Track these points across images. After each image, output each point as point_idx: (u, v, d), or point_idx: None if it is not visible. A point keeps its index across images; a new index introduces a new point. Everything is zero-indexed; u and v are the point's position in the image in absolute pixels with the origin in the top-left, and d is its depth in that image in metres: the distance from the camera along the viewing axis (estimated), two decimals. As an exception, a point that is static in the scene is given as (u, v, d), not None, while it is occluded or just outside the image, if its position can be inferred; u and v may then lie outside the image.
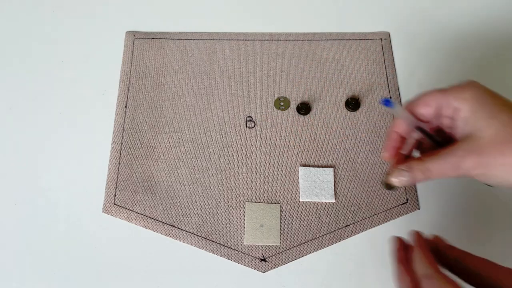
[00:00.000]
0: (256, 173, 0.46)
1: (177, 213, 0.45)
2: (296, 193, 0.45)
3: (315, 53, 0.53)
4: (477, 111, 0.32)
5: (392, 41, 0.54)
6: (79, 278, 0.42)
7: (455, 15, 0.56)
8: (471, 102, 0.32)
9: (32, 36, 0.55)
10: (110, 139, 0.48)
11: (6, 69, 0.53)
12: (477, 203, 0.45)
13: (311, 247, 0.43)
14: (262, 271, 0.42)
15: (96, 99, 0.51)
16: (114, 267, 0.43)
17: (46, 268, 0.42)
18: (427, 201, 0.45)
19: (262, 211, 0.45)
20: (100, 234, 0.44)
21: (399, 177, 0.35)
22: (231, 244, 0.43)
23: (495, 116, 0.31)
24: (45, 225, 0.44)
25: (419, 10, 0.57)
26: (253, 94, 0.51)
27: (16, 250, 0.43)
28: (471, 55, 0.53)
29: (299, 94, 0.51)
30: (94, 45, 0.54)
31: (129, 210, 0.45)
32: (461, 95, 0.33)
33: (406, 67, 0.52)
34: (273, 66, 0.52)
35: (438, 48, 0.54)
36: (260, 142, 0.48)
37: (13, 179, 0.47)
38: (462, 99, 0.33)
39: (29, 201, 0.45)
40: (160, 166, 0.47)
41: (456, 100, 0.33)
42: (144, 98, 0.50)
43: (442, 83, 0.51)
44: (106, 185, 0.46)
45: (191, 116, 0.49)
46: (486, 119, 0.31)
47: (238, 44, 0.54)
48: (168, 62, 0.52)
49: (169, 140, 0.48)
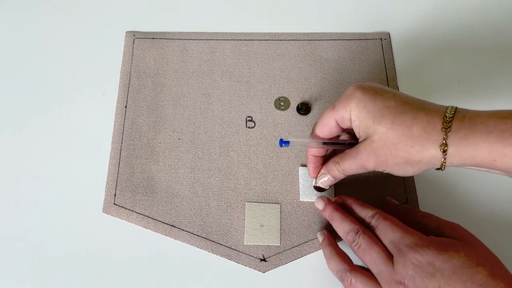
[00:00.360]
0: (256, 173, 0.47)
1: (177, 213, 0.45)
2: (296, 193, 0.45)
3: (315, 53, 0.53)
4: (363, 119, 0.35)
5: (392, 41, 0.54)
6: (79, 278, 0.42)
7: (455, 15, 0.56)
8: (356, 112, 0.35)
9: (32, 36, 0.55)
10: (110, 139, 0.48)
11: (6, 69, 0.53)
12: (477, 203, 0.45)
13: (311, 247, 0.43)
14: (262, 271, 0.42)
15: (96, 99, 0.51)
16: (114, 267, 0.43)
17: (46, 268, 0.42)
18: (427, 201, 0.45)
19: (262, 211, 0.45)
20: (100, 234, 0.44)
21: (322, 179, 0.41)
22: (231, 244, 0.43)
23: (379, 122, 0.34)
24: (45, 225, 0.44)
25: (419, 10, 0.57)
26: (253, 94, 0.51)
27: (16, 250, 0.43)
28: (471, 55, 0.53)
29: (299, 94, 0.51)
30: (94, 45, 0.54)
31: (129, 210, 0.45)
32: (347, 107, 0.36)
33: (406, 67, 0.52)
34: (273, 66, 0.52)
35: (438, 48, 0.54)
36: (260, 142, 0.48)
37: (13, 179, 0.47)
38: (349, 111, 0.36)
39: (29, 201, 0.45)
40: (160, 166, 0.47)
41: (344, 113, 0.36)
42: (144, 98, 0.50)
43: (442, 83, 0.52)
44: (106, 185, 0.46)
45: (191, 116, 0.49)
46: (372, 125, 0.34)
47: (238, 44, 0.54)
48: (168, 62, 0.52)
49: (169, 140, 0.48)
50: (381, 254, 0.35)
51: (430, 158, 0.33)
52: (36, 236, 0.44)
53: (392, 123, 0.33)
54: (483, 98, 0.51)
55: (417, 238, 0.34)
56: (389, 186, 0.45)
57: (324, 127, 0.38)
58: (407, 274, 0.33)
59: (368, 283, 0.35)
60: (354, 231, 0.37)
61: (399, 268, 0.33)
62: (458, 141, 0.32)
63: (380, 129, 0.34)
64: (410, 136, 0.33)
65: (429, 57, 0.53)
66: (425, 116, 0.33)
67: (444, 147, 0.32)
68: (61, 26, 0.56)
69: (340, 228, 0.39)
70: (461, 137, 0.32)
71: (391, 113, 0.34)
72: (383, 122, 0.34)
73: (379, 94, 0.35)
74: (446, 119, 0.32)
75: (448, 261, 0.32)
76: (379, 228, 0.37)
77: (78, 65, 0.53)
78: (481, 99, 0.51)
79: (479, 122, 0.32)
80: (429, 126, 0.32)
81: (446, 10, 0.57)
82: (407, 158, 0.33)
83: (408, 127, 0.33)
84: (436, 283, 0.32)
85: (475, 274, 0.31)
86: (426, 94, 0.50)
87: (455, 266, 0.32)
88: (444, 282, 0.31)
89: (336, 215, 0.40)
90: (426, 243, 0.33)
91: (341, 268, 0.37)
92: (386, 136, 0.34)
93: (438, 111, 0.33)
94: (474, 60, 0.53)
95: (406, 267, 0.33)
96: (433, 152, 0.33)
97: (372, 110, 0.34)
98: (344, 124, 0.37)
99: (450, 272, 0.32)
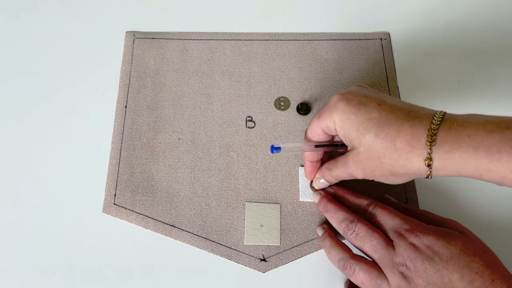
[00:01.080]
0: (256, 173, 0.47)
1: (177, 213, 0.45)
2: (296, 193, 0.45)
3: (315, 53, 0.53)
4: (347, 131, 0.35)
5: (392, 41, 0.54)
6: (79, 278, 0.42)
7: (455, 15, 0.56)
8: (340, 124, 0.35)
9: (32, 36, 0.55)
10: (110, 139, 0.48)
11: (6, 69, 0.53)
12: (477, 203, 0.45)
13: (311, 247, 0.43)
14: (262, 271, 0.42)
15: (96, 99, 0.51)
16: (114, 267, 0.43)
17: (46, 268, 0.42)
18: (427, 201, 0.45)
19: (262, 211, 0.45)
20: (100, 234, 0.44)
21: (317, 183, 0.41)
22: (231, 244, 0.43)
23: (363, 135, 0.34)
24: (45, 225, 0.44)
25: (419, 10, 0.57)
26: (253, 94, 0.51)
27: (16, 250, 0.43)
28: (471, 55, 0.53)
29: (299, 94, 0.51)
30: (94, 45, 0.54)
31: (129, 210, 0.45)
32: (331, 119, 0.36)
33: (406, 67, 0.52)
34: (273, 66, 0.52)
35: (438, 48, 0.54)
36: (260, 142, 0.48)
37: (13, 179, 0.47)
38: (333, 122, 0.36)
39: (29, 201, 0.45)
40: (160, 166, 0.47)
41: (329, 123, 0.36)
42: (144, 98, 0.50)
43: (442, 83, 0.52)
44: (106, 185, 0.46)
45: (191, 116, 0.49)
46: (356, 138, 0.34)
47: (238, 44, 0.54)
48: (168, 62, 0.52)
49: (169, 140, 0.48)
50: (381, 241, 0.36)
51: (415, 171, 0.33)
52: (36, 236, 0.44)
53: (376, 136, 0.33)
54: (483, 98, 0.51)
55: (417, 225, 0.35)
56: (389, 186, 0.45)
57: (313, 133, 0.39)
58: (408, 256, 0.34)
59: (371, 270, 0.36)
60: (349, 220, 0.38)
61: (400, 250, 0.34)
62: (443, 155, 0.31)
63: (365, 142, 0.34)
64: (394, 149, 0.32)
65: (429, 57, 0.53)
66: (410, 128, 0.32)
67: (429, 161, 0.32)
68: (61, 26, 0.56)
69: (334, 218, 0.39)
70: (446, 151, 0.31)
71: (374, 126, 0.33)
72: (367, 136, 0.33)
73: (362, 104, 0.34)
74: (431, 131, 0.31)
75: (446, 247, 0.33)
76: (377, 215, 0.38)
77: (78, 65, 0.53)
78: (481, 99, 0.51)
79: (465, 136, 0.30)
80: (413, 140, 0.32)
81: (446, 10, 0.57)
82: (392, 171, 0.33)
83: (391, 140, 0.32)
84: (435, 266, 0.33)
85: (471, 263, 0.32)
86: (426, 94, 0.50)
87: (452, 252, 0.33)
88: (443, 266, 0.33)
89: (331, 206, 0.40)
90: (425, 230, 0.35)
91: (342, 256, 0.38)
92: (371, 149, 0.33)
93: (424, 121, 0.32)
94: (474, 60, 0.53)
95: (407, 249, 0.34)
96: (418, 165, 0.32)
97: (356, 123, 0.34)
98: (330, 132, 0.37)
99: (448, 257, 0.33)
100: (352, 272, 0.36)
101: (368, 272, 0.36)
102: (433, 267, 0.33)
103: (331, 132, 0.37)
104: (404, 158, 0.32)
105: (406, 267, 0.34)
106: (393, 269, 0.34)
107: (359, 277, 0.36)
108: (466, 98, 0.51)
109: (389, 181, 0.35)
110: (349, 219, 0.38)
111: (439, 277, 0.33)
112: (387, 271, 0.35)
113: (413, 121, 0.32)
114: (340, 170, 0.37)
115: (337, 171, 0.38)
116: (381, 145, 0.33)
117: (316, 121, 0.38)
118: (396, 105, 0.34)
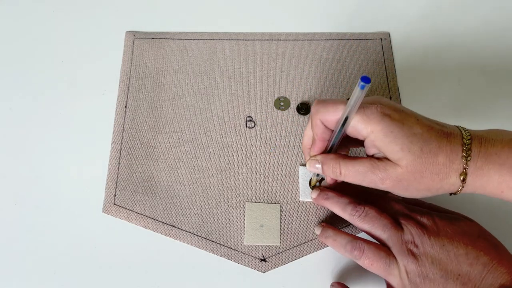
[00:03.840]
0: (256, 173, 0.46)
1: (177, 213, 0.45)
2: (296, 193, 0.45)
3: (315, 53, 0.53)
4: (389, 144, 0.33)
5: (392, 41, 0.54)
6: (79, 278, 0.42)
7: (455, 15, 0.56)
8: (380, 136, 0.34)
9: (32, 36, 0.55)
10: (110, 139, 0.48)
11: (6, 69, 0.53)
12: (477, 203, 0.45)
13: (311, 247, 0.43)
14: (262, 271, 0.42)
15: (96, 99, 0.51)
16: (114, 267, 0.43)
17: (46, 268, 0.42)
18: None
19: (262, 211, 0.45)
20: (100, 234, 0.44)
21: (311, 166, 0.39)
22: (231, 244, 0.43)
23: (408, 149, 0.33)
24: (45, 225, 0.44)
25: (419, 10, 0.57)
26: (253, 94, 0.51)
27: (16, 250, 0.43)
28: (471, 55, 0.53)
29: (299, 94, 0.51)
30: (94, 45, 0.54)
31: (129, 210, 0.45)
32: (370, 127, 0.34)
33: (406, 67, 0.52)
34: (273, 66, 0.52)
35: (438, 48, 0.54)
36: (260, 142, 0.48)
37: (13, 179, 0.47)
38: (371, 132, 0.34)
39: (29, 201, 0.45)
40: (160, 166, 0.47)
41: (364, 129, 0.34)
42: (144, 98, 0.50)
43: (442, 83, 0.52)
44: (106, 185, 0.46)
45: (191, 116, 0.49)
46: (400, 151, 0.33)
47: (238, 44, 0.54)
48: (168, 62, 0.52)
49: (169, 140, 0.48)
50: (389, 221, 0.37)
51: (450, 185, 0.34)
52: (36, 236, 0.44)
53: (421, 151, 0.33)
54: (483, 98, 0.51)
55: (420, 209, 0.38)
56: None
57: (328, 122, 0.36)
58: (415, 232, 0.35)
59: (380, 251, 0.36)
60: (356, 202, 0.39)
61: (407, 229, 0.36)
62: (474, 171, 0.33)
63: (409, 157, 0.33)
64: (436, 164, 0.33)
65: (429, 57, 0.53)
66: (449, 144, 0.33)
67: (464, 176, 0.33)
68: (61, 26, 0.56)
69: (338, 204, 0.39)
70: (478, 167, 0.33)
71: (420, 141, 0.33)
72: (413, 150, 0.33)
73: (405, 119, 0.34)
74: (465, 147, 0.33)
75: (450, 225, 0.35)
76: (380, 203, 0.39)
77: (78, 65, 0.53)
78: (481, 99, 0.51)
79: (493, 153, 0.33)
80: (453, 154, 0.33)
81: (446, 10, 0.57)
82: (430, 185, 0.34)
83: (434, 156, 0.33)
84: (440, 241, 0.34)
85: (476, 241, 0.34)
86: (426, 94, 0.50)
87: (457, 230, 0.35)
88: (448, 241, 0.34)
89: (331, 193, 0.40)
90: (429, 213, 0.37)
91: (349, 239, 0.38)
92: (414, 163, 0.33)
93: (456, 137, 0.34)
94: (474, 60, 0.53)
95: (414, 227, 0.36)
96: (454, 180, 0.33)
97: (400, 136, 0.33)
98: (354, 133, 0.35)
99: (453, 233, 0.35)
100: (361, 253, 0.36)
101: (378, 252, 0.36)
102: (438, 242, 0.34)
103: (351, 132, 0.36)
104: (443, 173, 0.33)
105: (414, 245, 0.35)
106: (402, 246, 0.35)
107: (368, 258, 0.36)
108: (466, 98, 0.51)
109: (418, 195, 0.35)
110: (356, 202, 0.39)
111: (444, 253, 0.34)
112: (396, 250, 0.35)
113: (449, 138, 0.34)
114: (357, 173, 0.36)
115: (348, 171, 0.36)
116: (425, 160, 0.33)
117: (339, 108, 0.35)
118: (428, 121, 0.35)
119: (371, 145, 0.35)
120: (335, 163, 0.37)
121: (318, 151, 0.39)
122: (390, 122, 0.34)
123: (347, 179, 0.37)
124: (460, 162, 0.33)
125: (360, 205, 0.38)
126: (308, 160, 0.40)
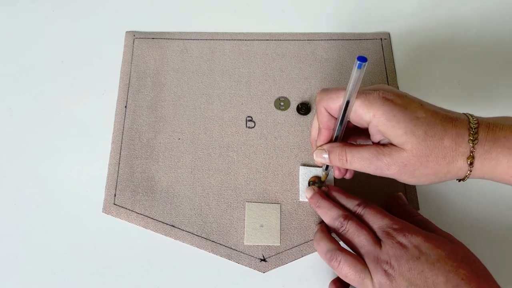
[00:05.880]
0: (256, 173, 0.47)
1: (177, 213, 0.45)
2: (296, 193, 0.45)
3: (315, 53, 0.53)
4: (392, 129, 0.33)
5: (392, 41, 0.54)
6: (79, 278, 0.42)
7: (455, 15, 0.56)
8: (383, 120, 0.34)
9: (32, 36, 0.55)
10: (110, 139, 0.48)
11: (6, 69, 0.53)
12: (477, 203, 0.45)
13: (311, 247, 0.43)
14: (262, 271, 0.42)
15: (96, 99, 0.51)
16: (114, 267, 0.43)
17: (46, 268, 0.42)
18: (427, 201, 0.45)
19: (262, 211, 0.45)
20: (100, 234, 0.44)
21: (318, 156, 0.39)
22: (231, 244, 0.43)
23: (412, 133, 0.33)
24: (45, 225, 0.44)
25: (419, 10, 0.57)
26: (253, 94, 0.51)
27: (16, 250, 0.43)
28: (471, 55, 0.53)
29: (299, 94, 0.51)
30: (94, 45, 0.54)
31: (129, 210, 0.45)
32: (372, 111, 0.34)
33: (406, 67, 0.52)
34: (273, 66, 0.52)
35: (438, 48, 0.54)
36: (260, 142, 0.48)
37: (13, 179, 0.47)
38: (373, 116, 0.34)
39: (29, 201, 0.45)
40: (160, 166, 0.47)
41: (366, 114, 0.34)
42: (144, 98, 0.50)
43: (442, 83, 0.52)
44: (106, 185, 0.46)
45: (191, 116, 0.49)
46: (403, 135, 0.33)
47: (238, 44, 0.54)
48: (168, 62, 0.52)
49: (169, 140, 0.48)
50: (369, 237, 0.36)
51: (458, 170, 0.33)
52: (36, 236, 0.44)
53: (425, 135, 0.33)
54: (483, 98, 0.51)
55: (406, 225, 0.35)
56: (389, 186, 0.45)
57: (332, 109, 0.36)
58: (393, 253, 0.34)
59: (356, 264, 0.35)
60: (343, 217, 0.38)
61: (386, 248, 0.34)
62: (482, 154, 0.32)
63: (414, 140, 0.33)
64: (442, 147, 0.33)
65: (429, 57, 0.53)
66: (454, 128, 0.33)
67: (471, 159, 0.33)
68: (61, 26, 0.56)
69: (328, 215, 0.39)
70: (485, 150, 0.32)
71: (423, 124, 0.33)
72: (417, 133, 0.33)
73: (408, 103, 0.34)
74: (472, 130, 0.33)
75: (433, 249, 0.33)
76: (367, 215, 0.38)
77: (78, 65, 0.53)
78: (481, 99, 0.51)
79: (501, 136, 0.32)
80: (459, 138, 0.33)
81: (446, 10, 0.57)
82: (436, 169, 0.34)
83: (439, 139, 0.33)
84: (420, 266, 0.33)
85: (458, 269, 0.32)
86: (426, 94, 0.50)
87: (440, 255, 0.33)
88: (428, 268, 0.32)
89: (324, 203, 0.40)
90: (414, 231, 0.35)
91: (330, 248, 0.38)
92: (419, 147, 0.33)
93: (462, 122, 0.33)
94: (474, 60, 0.53)
95: (393, 247, 0.34)
96: (461, 164, 0.33)
97: (403, 120, 0.33)
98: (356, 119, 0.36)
99: (435, 259, 0.33)
100: (337, 264, 0.36)
101: (353, 265, 0.35)
102: (417, 267, 0.33)
103: (353, 118, 0.36)
104: (450, 156, 0.33)
105: (390, 266, 0.33)
106: (376, 266, 0.34)
107: (343, 270, 0.36)
108: (466, 98, 0.51)
109: (426, 181, 0.35)
110: (343, 217, 0.38)
111: (422, 279, 0.32)
112: (371, 267, 0.35)
113: (455, 122, 0.33)
114: (364, 161, 0.36)
115: (355, 159, 0.36)
116: (430, 142, 0.33)
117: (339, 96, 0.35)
118: (433, 106, 0.35)
119: (375, 131, 0.35)
120: (341, 150, 0.37)
121: (324, 141, 0.39)
122: (393, 106, 0.34)
123: (353, 166, 0.37)
124: (467, 146, 0.33)
125: (346, 219, 0.38)
126: (315, 151, 0.40)
